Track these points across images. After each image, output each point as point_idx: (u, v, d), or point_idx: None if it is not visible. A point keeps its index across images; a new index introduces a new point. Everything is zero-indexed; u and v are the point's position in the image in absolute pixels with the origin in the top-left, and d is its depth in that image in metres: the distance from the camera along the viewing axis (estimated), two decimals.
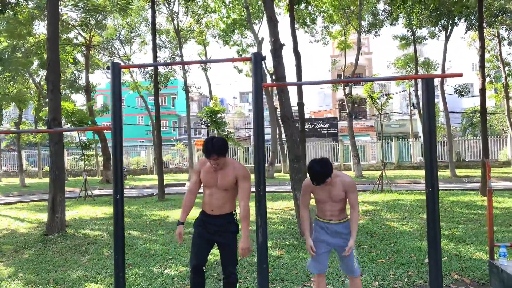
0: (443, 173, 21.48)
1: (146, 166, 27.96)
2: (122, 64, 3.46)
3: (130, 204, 11.99)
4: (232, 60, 3.24)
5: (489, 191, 3.75)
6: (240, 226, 3.52)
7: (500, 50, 22.96)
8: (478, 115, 33.28)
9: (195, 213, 3.74)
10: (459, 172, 20.99)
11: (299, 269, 5.06)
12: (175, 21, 21.26)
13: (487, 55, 25.18)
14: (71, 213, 10.23)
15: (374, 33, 20.48)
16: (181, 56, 21.53)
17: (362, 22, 20.77)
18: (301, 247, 6.01)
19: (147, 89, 23.13)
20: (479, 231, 6.88)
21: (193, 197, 3.60)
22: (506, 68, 23.12)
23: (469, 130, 38.81)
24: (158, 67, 23.30)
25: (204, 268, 3.63)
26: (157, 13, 22.22)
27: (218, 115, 13.79)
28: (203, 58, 26.00)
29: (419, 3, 12.15)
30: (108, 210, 10.73)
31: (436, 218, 2.86)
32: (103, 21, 19.93)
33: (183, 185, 18.97)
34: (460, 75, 2.87)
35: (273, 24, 6.93)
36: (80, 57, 21.68)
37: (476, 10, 16.74)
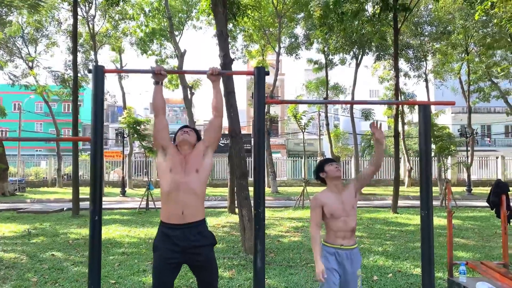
0: None
1: (46, 177, 25.49)
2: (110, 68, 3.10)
3: (40, 220, 10.76)
4: (234, 73, 3.08)
5: (448, 212, 4.04)
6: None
7: (397, 80, 25.32)
8: None
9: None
10: (363, 190, 22.48)
11: None
12: (90, 25, 19.99)
13: (386, 84, 27.81)
14: None
15: (295, 55, 21.38)
16: (96, 61, 20.23)
17: (281, 44, 21.60)
18: (250, 267, 5.89)
19: (56, 94, 21.21)
20: (407, 247, 7.40)
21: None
22: (402, 97, 25.53)
23: (367, 151, 42.26)
24: (69, 71, 21.64)
25: None
26: (71, 14, 20.70)
27: (142, 126, 13.12)
28: (117, 65, 24.75)
29: (343, 31, 13.01)
30: (15, 227, 9.50)
31: (430, 242, 2.97)
32: (6, 16, 17.97)
33: None
34: (453, 103, 3.08)
35: (223, 39, 6.85)
36: None
37: (382, 44, 18.49)
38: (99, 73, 2.92)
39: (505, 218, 4.12)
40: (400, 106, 25.43)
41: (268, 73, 3.02)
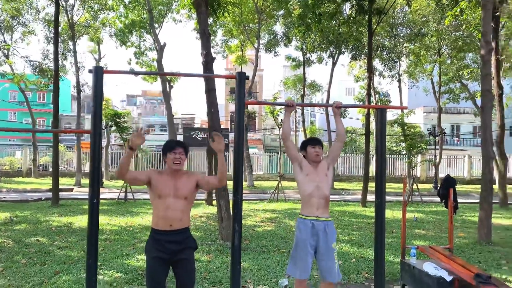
0: None
1: (21, 168, 25.23)
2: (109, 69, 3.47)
3: (20, 208, 10.91)
4: (217, 76, 3.48)
5: (404, 203, 4.60)
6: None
7: (373, 80, 26.18)
8: (350, 134, 37.30)
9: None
10: (336, 185, 23.22)
11: None
12: (69, 14, 19.92)
13: (361, 83, 28.66)
14: None
15: (274, 52, 21.83)
16: (75, 51, 20.19)
17: (260, 40, 22.04)
18: (226, 252, 6.33)
19: (34, 84, 21.01)
20: (371, 237, 8.00)
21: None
22: (376, 96, 26.35)
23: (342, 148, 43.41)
24: (47, 61, 21.50)
25: None
26: (49, 2, 20.56)
27: (122, 119, 13.35)
28: (96, 56, 24.66)
29: (320, 31, 13.54)
30: None
31: (382, 224, 3.52)
32: None
33: (71, 190, 17.70)
34: (405, 108, 3.60)
35: (206, 38, 7.23)
36: None
37: (359, 44, 19.16)
38: (99, 73, 3.31)
39: (452, 209, 4.71)
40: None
41: (248, 78, 3.47)
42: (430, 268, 4.08)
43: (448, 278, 3.86)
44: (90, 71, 3.30)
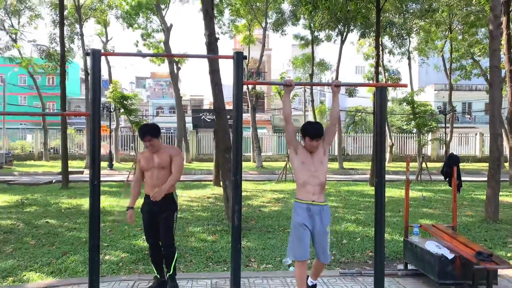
0: (332, 165, 23.54)
1: (33, 151, 25.59)
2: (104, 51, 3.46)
3: (31, 191, 11.12)
4: (215, 57, 3.45)
5: (407, 182, 4.57)
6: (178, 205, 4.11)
7: (382, 57, 25.74)
8: (360, 113, 36.91)
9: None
10: (345, 164, 23.18)
11: None
12: None
13: (370, 61, 28.19)
14: None
15: (281, 32, 21.56)
16: (81, 34, 20.16)
17: (268, 19, 21.74)
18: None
19: (42, 68, 21.10)
20: None
21: (139, 184, 4.13)
22: (386, 74, 25.96)
23: (351, 127, 42.94)
24: (54, 45, 21.54)
25: (159, 243, 4.07)
26: None
27: (129, 101, 13.38)
28: (103, 38, 24.61)
29: (327, 9, 13.32)
30: (8, 198, 9.86)
31: (382, 202, 3.51)
32: None
33: (81, 172, 17.94)
34: (405, 85, 3.55)
35: (209, 18, 7.14)
36: None
37: (367, 21, 18.77)
38: (96, 56, 3.29)
39: (456, 187, 4.67)
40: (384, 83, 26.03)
41: (245, 57, 3.42)
42: (432, 247, 4.09)
43: (450, 256, 3.86)
44: (87, 54, 3.29)
